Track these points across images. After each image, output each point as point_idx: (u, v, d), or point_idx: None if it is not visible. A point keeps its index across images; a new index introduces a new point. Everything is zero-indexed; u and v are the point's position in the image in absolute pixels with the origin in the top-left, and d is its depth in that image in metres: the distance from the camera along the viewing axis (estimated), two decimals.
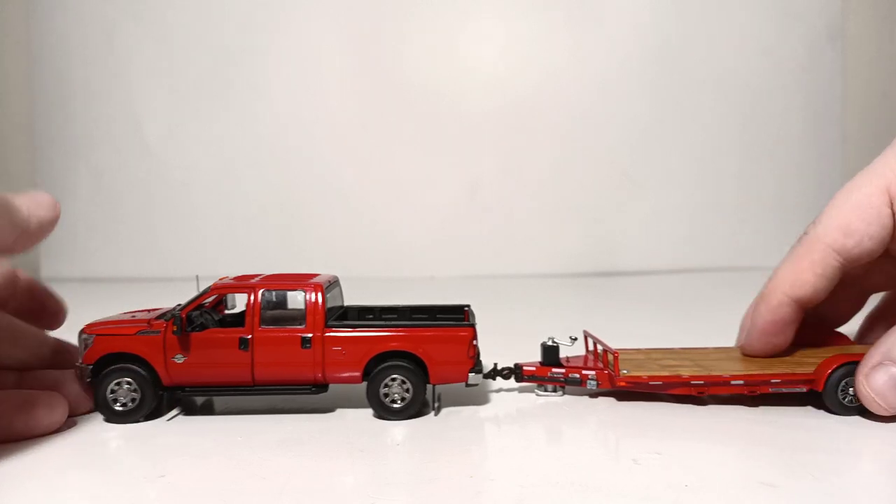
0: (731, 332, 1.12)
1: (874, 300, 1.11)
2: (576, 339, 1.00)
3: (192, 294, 0.95)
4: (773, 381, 0.91)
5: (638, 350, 1.07)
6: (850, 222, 0.88)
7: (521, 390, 1.03)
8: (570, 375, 0.97)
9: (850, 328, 1.11)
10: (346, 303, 1.08)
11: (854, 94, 2.74)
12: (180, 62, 2.72)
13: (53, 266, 2.75)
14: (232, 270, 1.16)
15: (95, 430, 0.88)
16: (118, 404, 0.90)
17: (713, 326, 1.24)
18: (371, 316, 1.06)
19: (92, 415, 0.93)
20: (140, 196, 2.73)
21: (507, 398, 1.00)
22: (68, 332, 1.00)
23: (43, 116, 2.81)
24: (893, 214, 0.86)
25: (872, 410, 0.85)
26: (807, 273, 0.91)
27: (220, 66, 2.70)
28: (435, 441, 0.83)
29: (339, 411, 0.94)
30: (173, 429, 0.87)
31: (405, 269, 2.62)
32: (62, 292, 1.17)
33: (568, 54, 2.68)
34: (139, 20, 2.70)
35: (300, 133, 2.72)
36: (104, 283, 2.51)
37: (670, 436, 0.82)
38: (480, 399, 0.99)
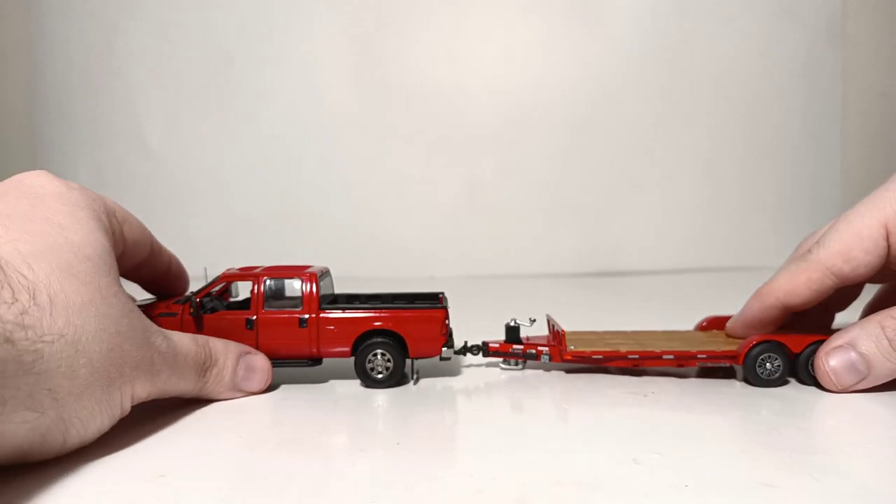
0: None
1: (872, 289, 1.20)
2: (535, 320, 1.15)
3: (200, 284, 1.07)
4: (699, 356, 1.05)
5: (594, 332, 1.21)
6: (850, 250, 0.98)
7: (488, 364, 1.18)
8: (527, 351, 1.12)
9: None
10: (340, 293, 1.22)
11: (854, 94, 2.74)
12: (180, 62, 2.72)
13: None
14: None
15: None
16: None
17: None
18: (358, 301, 1.18)
19: None
20: (140, 196, 2.73)
21: (478, 371, 1.14)
22: None
23: (43, 116, 2.81)
24: (889, 246, 0.97)
25: (826, 386, 0.99)
26: (802, 287, 1.03)
27: (221, 66, 2.70)
28: (433, 438, 0.83)
29: (338, 412, 0.94)
30: (173, 429, 0.87)
31: (405, 269, 2.62)
32: None
33: (568, 54, 2.68)
34: (139, 20, 2.70)
35: (300, 133, 2.72)
36: None
37: (670, 436, 0.82)
38: (455, 371, 1.15)
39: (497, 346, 1.14)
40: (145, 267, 1.06)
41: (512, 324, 1.14)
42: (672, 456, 0.75)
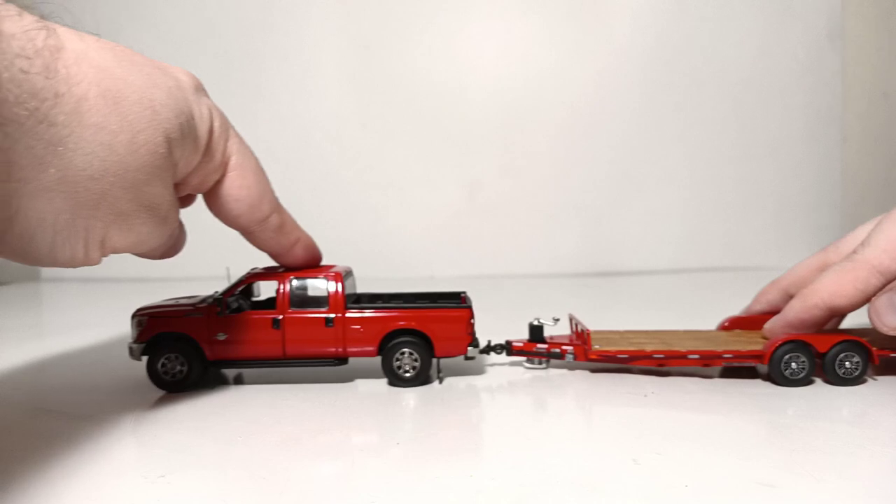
0: None
1: None
2: (558, 319, 1.15)
3: (224, 285, 1.10)
4: (725, 355, 1.03)
5: (616, 331, 1.20)
6: None
7: (511, 363, 1.18)
8: (551, 350, 1.11)
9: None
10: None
11: (854, 94, 2.74)
12: (180, 62, 2.72)
13: None
14: (232, 270, 1.19)
15: (94, 430, 0.88)
16: (168, 375, 1.04)
17: (712, 326, 1.25)
18: (381, 301, 1.19)
19: (91, 416, 0.93)
20: None
21: (501, 370, 1.15)
22: (80, 328, 0.99)
23: None
24: None
25: (873, 325, 0.97)
26: (848, 287, 1.00)
27: (221, 67, 2.70)
28: (433, 439, 0.83)
29: (337, 412, 0.94)
30: (173, 429, 0.88)
31: (405, 269, 2.62)
32: (62, 292, 1.17)
33: (568, 54, 2.68)
34: (139, 20, 2.70)
35: (300, 133, 2.72)
36: (104, 283, 2.51)
37: (670, 436, 0.82)
38: (478, 370, 1.16)
39: (521, 345, 1.13)
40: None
41: (536, 323, 1.14)
42: (672, 456, 0.75)
